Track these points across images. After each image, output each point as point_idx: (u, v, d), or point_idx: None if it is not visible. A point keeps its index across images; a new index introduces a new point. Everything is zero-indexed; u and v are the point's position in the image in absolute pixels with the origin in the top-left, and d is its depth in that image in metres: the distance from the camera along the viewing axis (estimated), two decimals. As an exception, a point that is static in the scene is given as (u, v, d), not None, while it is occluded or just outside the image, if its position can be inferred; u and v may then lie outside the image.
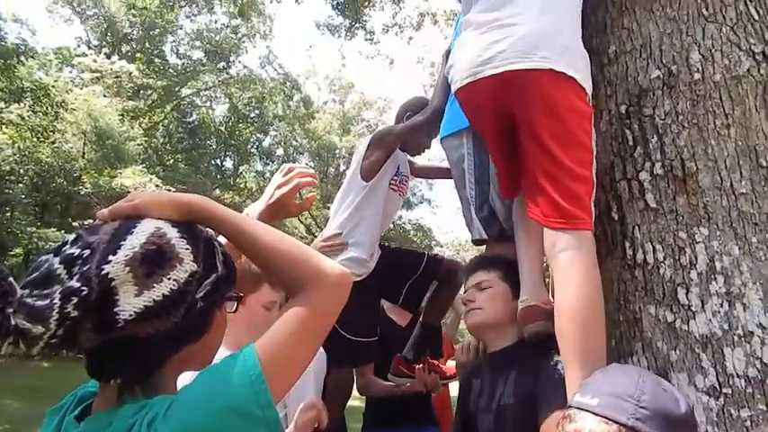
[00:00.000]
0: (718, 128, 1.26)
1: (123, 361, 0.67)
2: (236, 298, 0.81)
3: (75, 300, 0.61)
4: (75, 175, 12.50)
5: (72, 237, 0.68)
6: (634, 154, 1.34)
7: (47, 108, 11.96)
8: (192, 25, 19.80)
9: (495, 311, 1.51)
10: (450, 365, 2.56)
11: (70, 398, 0.76)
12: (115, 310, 0.63)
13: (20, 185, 11.74)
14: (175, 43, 19.99)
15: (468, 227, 1.90)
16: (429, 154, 2.27)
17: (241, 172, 22.63)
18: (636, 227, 1.31)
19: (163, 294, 0.66)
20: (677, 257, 1.23)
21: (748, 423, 1.08)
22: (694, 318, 1.18)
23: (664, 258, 1.25)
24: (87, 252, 0.65)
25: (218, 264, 0.74)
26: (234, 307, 0.81)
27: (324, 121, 22.55)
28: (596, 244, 1.29)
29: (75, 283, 0.62)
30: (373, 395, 2.64)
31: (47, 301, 0.60)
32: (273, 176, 1.19)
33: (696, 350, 1.16)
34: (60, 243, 0.67)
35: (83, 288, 0.61)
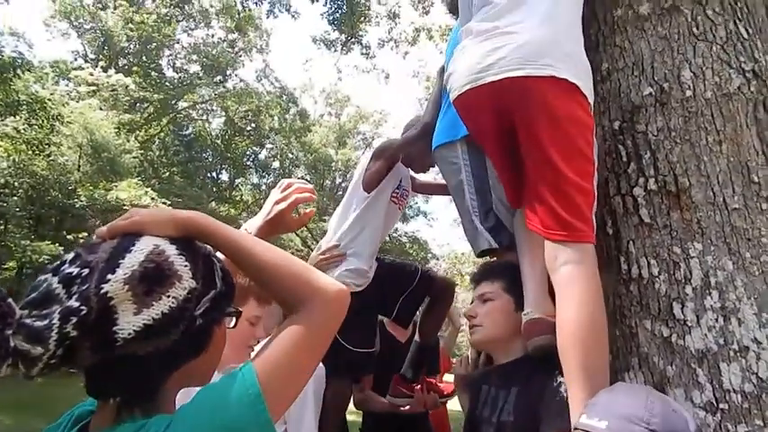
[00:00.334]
0: (710, 144, 1.28)
1: (122, 379, 0.66)
2: (235, 313, 0.80)
3: (74, 319, 0.61)
4: (70, 188, 12.45)
5: (71, 255, 0.68)
6: (628, 170, 1.36)
7: (42, 121, 11.93)
8: (189, 39, 19.93)
9: (494, 327, 1.49)
10: (448, 383, 2.56)
11: (67, 416, 0.76)
12: (114, 329, 0.63)
13: (14, 198, 11.67)
14: (172, 57, 20.10)
15: (471, 238, 1.85)
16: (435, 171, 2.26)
17: (237, 185, 22.63)
18: (630, 242, 1.32)
19: (162, 312, 0.65)
20: (672, 272, 1.24)
21: (745, 438, 1.08)
22: (690, 333, 1.19)
23: (659, 273, 1.26)
24: (86, 271, 0.64)
25: (216, 280, 0.74)
26: (233, 323, 0.81)
27: (320, 135, 22.64)
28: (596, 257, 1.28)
29: (74, 303, 0.61)
30: (370, 411, 2.62)
31: (46, 322, 0.60)
32: (271, 192, 1.19)
33: (692, 365, 1.17)
34: (59, 262, 0.67)
35: (82, 307, 0.61)
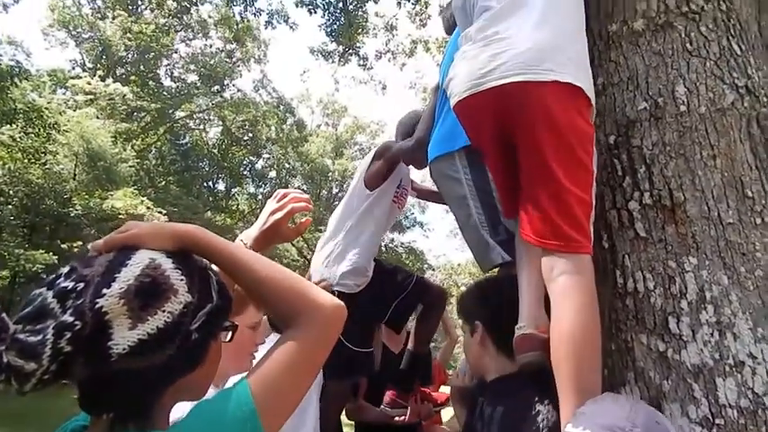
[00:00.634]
0: (704, 159, 1.29)
1: (116, 395, 0.66)
2: (231, 327, 0.80)
3: (68, 335, 0.60)
4: (65, 197, 12.41)
5: (66, 269, 0.67)
6: (623, 183, 1.37)
7: (39, 129, 11.93)
8: (187, 49, 20.02)
9: (468, 358, 1.50)
10: (442, 392, 2.55)
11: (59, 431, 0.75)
12: (108, 344, 0.63)
13: (8, 207, 11.62)
14: (170, 66, 20.17)
15: (481, 253, 1.80)
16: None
17: (233, 194, 22.62)
18: (626, 255, 1.32)
19: (157, 327, 0.65)
20: (667, 286, 1.24)
21: (741, 455, 1.08)
22: (686, 347, 1.18)
23: (654, 287, 1.26)
24: (81, 285, 0.64)
25: (213, 294, 0.74)
26: (229, 337, 0.80)
27: (317, 145, 22.69)
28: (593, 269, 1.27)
29: (68, 318, 0.61)
30: (363, 420, 2.61)
31: (39, 337, 0.60)
32: (267, 202, 1.18)
33: (688, 380, 1.16)
34: (54, 276, 0.67)
35: (76, 322, 0.61)
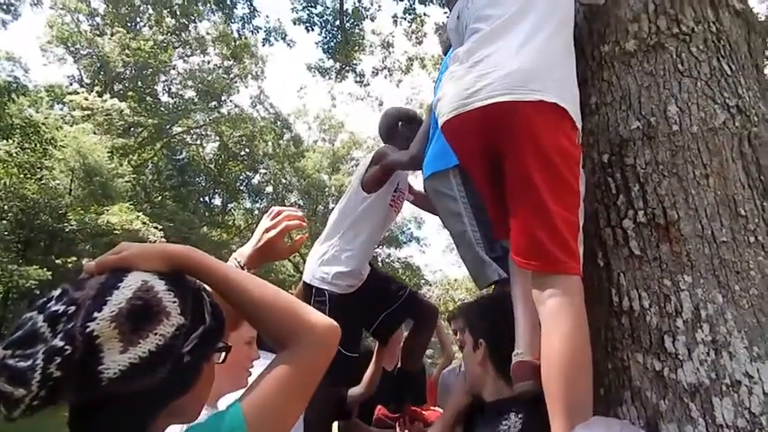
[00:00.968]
0: (697, 177, 1.30)
1: (107, 419, 0.65)
2: (224, 349, 0.79)
3: (58, 359, 0.59)
4: (60, 212, 12.37)
5: (57, 292, 0.67)
6: (617, 202, 1.37)
7: (35, 145, 11.93)
8: (185, 65, 20.16)
9: (466, 371, 1.50)
10: (434, 410, 2.53)
11: None
12: (99, 368, 0.62)
13: (3, 222, 11.56)
14: (168, 82, 20.29)
15: (477, 270, 1.81)
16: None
17: (230, 209, 22.59)
18: (621, 274, 1.32)
19: (149, 351, 0.64)
20: (663, 305, 1.24)
21: (739, 476, 1.07)
22: (682, 366, 1.18)
23: (650, 306, 1.26)
24: (72, 308, 0.63)
25: (206, 315, 0.73)
26: (222, 358, 0.80)
27: (313, 160, 22.77)
28: (583, 290, 1.27)
29: (58, 342, 0.60)
30: None
31: (29, 362, 0.59)
32: (261, 220, 1.18)
33: (685, 400, 1.15)
34: (45, 299, 0.66)
35: (66, 347, 0.60)
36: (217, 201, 22.46)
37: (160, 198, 18.65)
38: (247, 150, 21.17)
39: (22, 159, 12.00)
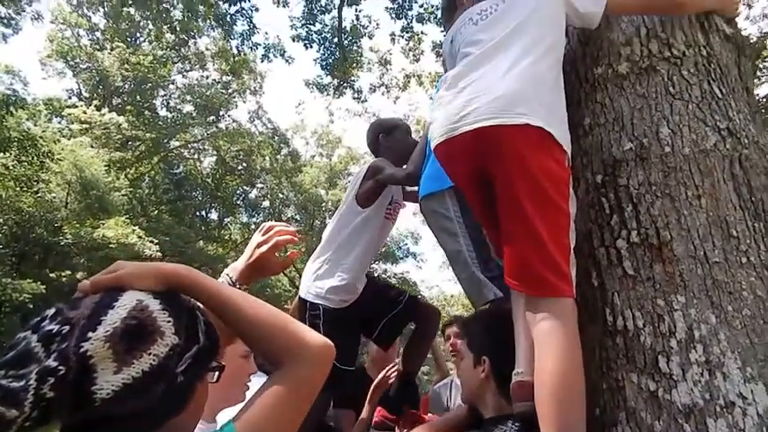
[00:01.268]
0: (689, 198, 1.32)
1: None
2: (217, 368, 0.79)
3: (51, 380, 0.59)
4: (56, 225, 12.31)
5: (52, 311, 0.67)
6: (611, 222, 1.39)
7: (32, 158, 11.92)
8: (184, 80, 20.26)
9: (464, 385, 1.50)
10: (434, 415, 2.52)
11: None
12: (92, 389, 0.62)
13: (-2, 235, 11.51)
14: (166, 97, 20.36)
15: (473, 290, 1.82)
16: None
17: (226, 224, 22.53)
18: (615, 293, 1.33)
19: (142, 371, 0.64)
20: (656, 325, 1.25)
21: (735, 498, 1.06)
22: (676, 387, 1.18)
23: (644, 326, 1.27)
24: (66, 328, 0.63)
25: (200, 335, 0.73)
26: (216, 377, 0.80)
27: (311, 175, 22.79)
28: (578, 310, 1.28)
29: (52, 363, 0.60)
30: None
31: (22, 383, 0.59)
32: (253, 235, 1.19)
33: (679, 420, 1.15)
34: (39, 318, 0.66)
35: (60, 367, 0.60)
36: (213, 215, 22.41)
37: (156, 212, 18.60)
38: (245, 165, 21.20)
39: (19, 172, 11.98)
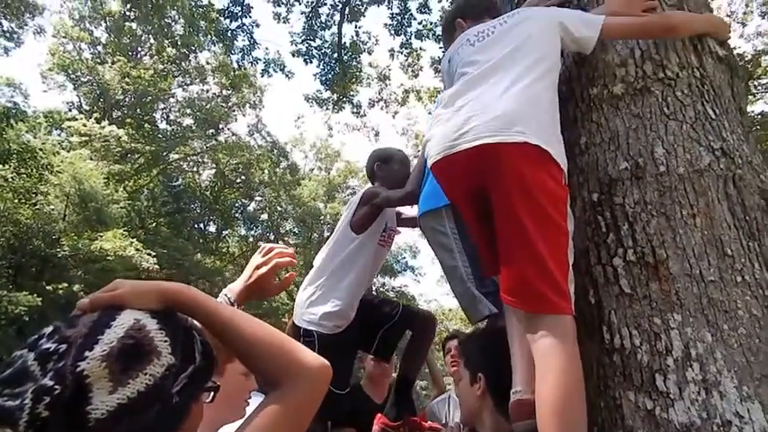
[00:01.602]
0: (684, 217, 1.33)
1: None
2: (213, 388, 0.79)
3: (47, 399, 0.59)
4: (53, 237, 12.27)
5: (49, 329, 0.67)
6: (607, 240, 1.40)
7: (31, 170, 11.94)
8: (184, 94, 20.37)
9: (463, 404, 1.51)
10: (434, 423, 2.52)
11: None
12: (87, 409, 0.62)
13: (-5, 247, 11.46)
14: (166, 110, 20.46)
15: (468, 305, 1.83)
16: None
17: (224, 236, 22.49)
18: (612, 311, 1.34)
19: (138, 391, 0.64)
20: (653, 343, 1.26)
21: None
22: (673, 405, 1.18)
23: (640, 344, 1.27)
24: (63, 347, 0.64)
25: (196, 355, 0.74)
26: (210, 397, 0.80)
27: (309, 188, 22.83)
28: (576, 328, 1.28)
29: (48, 381, 0.61)
30: None
31: (17, 402, 0.59)
32: (252, 256, 1.19)
33: (677, 440, 1.16)
34: (37, 336, 0.67)
35: (56, 386, 0.60)
36: (211, 228, 22.38)
37: (154, 224, 18.57)
38: (243, 178, 21.23)
39: (18, 184, 11.98)
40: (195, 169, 21.51)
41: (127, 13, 17.64)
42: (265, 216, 22.71)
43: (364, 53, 10.49)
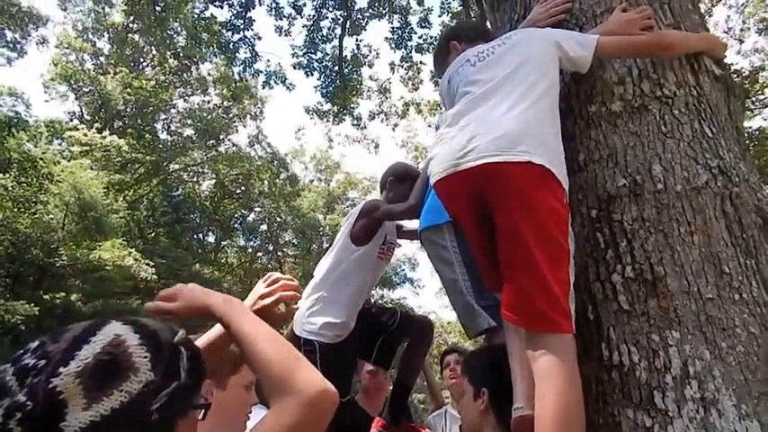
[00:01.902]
0: (682, 235, 1.34)
1: None
2: (203, 406, 0.78)
3: (18, 415, 0.59)
4: (52, 247, 12.25)
5: (35, 343, 0.67)
6: (606, 256, 1.41)
7: (32, 179, 11.95)
8: (185, 104, 20.47)
9: (464, 420, 1.52)
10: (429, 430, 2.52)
11: None
12: (61, 425, 0.61)
13: (-7, 256, 11.43)
14: (167, 121, 20.54)
15: (467, 319, 1.84)
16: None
17: (223, 247, 22.46)
18: (610, 328, 1.34)
19: (111, 408, 0.63)
20: (652, 360, 1.26)
21: None
22: (672, 423, 1.18)
23: (639, 361, 1.27)
24: (42, 362, 0.63)
25: (180, 371, 0.72)
26: (201, 415, 0.79)
27: (309, 200, 22.85)
28: (575, 347, 1.28)
29: (21, 397, 0.60)
30: None
31: None
32: (257, 284, 1.19)
33: (676, 458, 1.15)
34: (22, 351, 0.66)
35: (28, 402, 0.60)
36: (210, 238, 22.35)
37: (154, 234, 18.55)
38: (243, 188, 21.26)
39: (18, 193, 11.99)
40: (195, 179, 21.54)
41: (130, 25, 17.79)
42: (265, 227, 22.70)
43: (365, 66, 10.57)
